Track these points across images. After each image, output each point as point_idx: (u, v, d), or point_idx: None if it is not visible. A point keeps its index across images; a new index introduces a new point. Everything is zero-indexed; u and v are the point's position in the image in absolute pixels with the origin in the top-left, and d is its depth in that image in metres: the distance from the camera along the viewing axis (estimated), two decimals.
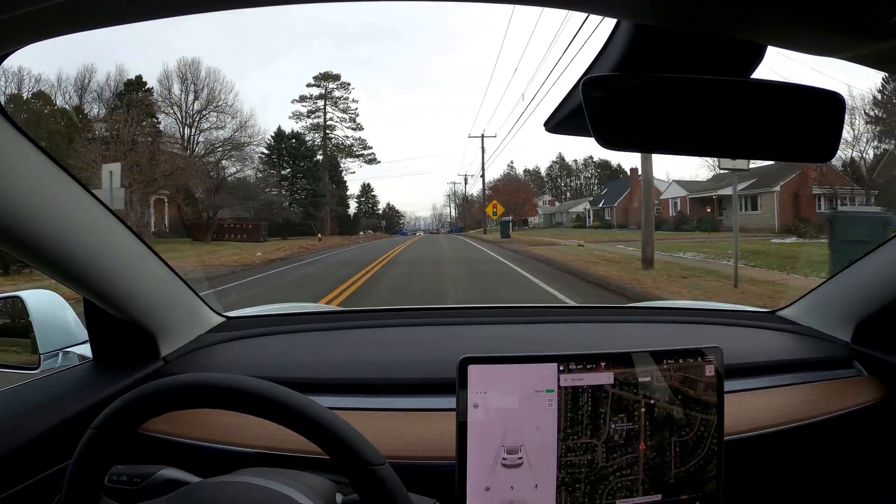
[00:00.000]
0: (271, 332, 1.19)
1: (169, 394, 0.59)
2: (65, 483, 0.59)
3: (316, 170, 45.27)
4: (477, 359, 0.72)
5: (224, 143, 32.10)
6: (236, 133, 32.90)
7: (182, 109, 31.99)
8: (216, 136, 32.77)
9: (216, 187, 29.23)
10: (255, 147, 35.40)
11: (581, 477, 0.74)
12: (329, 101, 50.06)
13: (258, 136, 36.80)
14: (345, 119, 50.56)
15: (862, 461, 1.00)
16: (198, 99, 31.99)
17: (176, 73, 31.60)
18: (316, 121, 49.63)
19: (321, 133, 49.52)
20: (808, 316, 1.22)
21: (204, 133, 32.40)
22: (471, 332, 1.22)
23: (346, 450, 0.57)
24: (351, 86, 52.11)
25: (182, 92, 31.82)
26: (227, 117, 32.68)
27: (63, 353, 1.03)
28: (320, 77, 50.71)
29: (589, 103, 0.51)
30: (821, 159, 0.55)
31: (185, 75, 31.80)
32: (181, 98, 31.78)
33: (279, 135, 43.77)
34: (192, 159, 29.49)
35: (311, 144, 47.36)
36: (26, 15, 0.44)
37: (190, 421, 0.86)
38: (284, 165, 43.50)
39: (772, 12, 0.44)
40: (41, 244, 0.71)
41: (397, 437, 0.83)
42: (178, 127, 31.84)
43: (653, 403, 0.75)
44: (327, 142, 49.50)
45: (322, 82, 50.54)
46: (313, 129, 49.33)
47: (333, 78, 50.69)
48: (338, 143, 50.74)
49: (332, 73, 50.94)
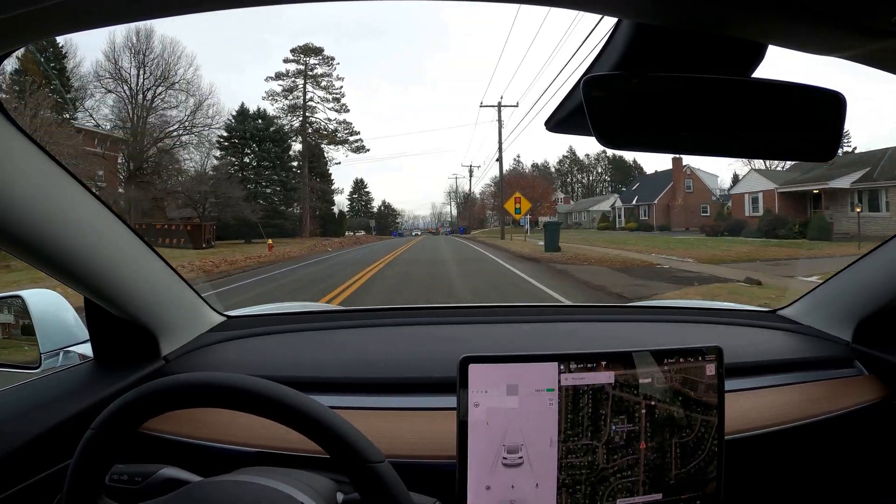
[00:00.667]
0: (272, 331, 1.19)
1: (169, 393, 0.59)
2: (66, 482, 0.59)
3: (288, 158, 37.02)
4: (478, 358, 0.72)
5: (179, 125, 27.84)
6: (193, 114, 28.68)
7: (129, 85, 27.48)
8: (171, 116, 28.40)
9: (128, 176, 25.26)
10: (214, 130, 30.58)
11: (582, 478, 0.74)
12: (309, 79, 40.39)
13: (219, 116, 31.53)
14: (328, 99, 40.95)
15: (862, 460, 1.00)
16: (148, 73, 27.29)
17: (125, 46, 27.03)
18: (294, 102, 40.38)
19: (299, 115, 40.16)
20: (808, 315, 1.22)
21: (155, 113, 27.97)
22: (471, 331, 1.22)
23: (344, 447, 0.57)
24: (335, 61, 41.22)
25: (132, 66, 27.32)
26: (183, 95, 28.15)
27: (64, 353, 1.04)
28: (299, 50, 40.70)
29: (590, 102, 0.51)
30: (821, 158, 0.55)
31: (137, 48, 27.19)
32: (130, 73, 27.17)
33: (242, 113, 34.97)
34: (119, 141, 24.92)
35: (286, 128, 38.60)
36: (26, 15, 0.44)
37: (191, 420, 0.86)
38: (248, 151, 35.15)
39: (773, 11, 0.44)
40: (42, 243, 0.71)
41: (398, 436, 0.83)
42: (125, 106, 27.54)
43: (653, 405, 0.75)
44: (307, 126, 40.07)
45: (301, 56, 40.74)
46: (290, 110, 40.07)
47: (314, 52, 40.79)
48: (319, 129, 41.13)
49: (314, 46, 40.84)
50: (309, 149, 40.12)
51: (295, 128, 39.56)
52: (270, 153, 35.44)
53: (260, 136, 35.07)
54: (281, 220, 33.87)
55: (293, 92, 40.30)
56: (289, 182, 36.78)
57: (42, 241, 0.71)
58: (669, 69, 0.51)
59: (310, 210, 37.96)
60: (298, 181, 37.72)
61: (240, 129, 34.60)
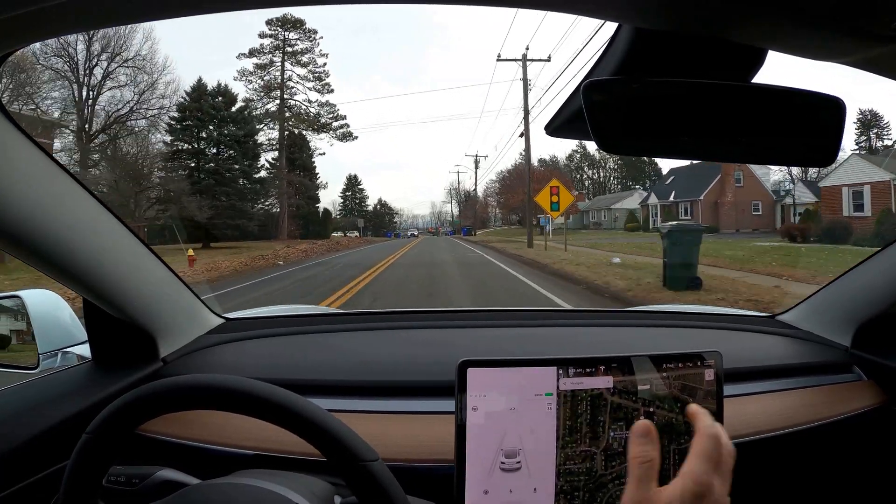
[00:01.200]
0: (271, 333, 1.19)
1: (166, 395, 0.59)
2: (62, 484, 0.59)
3: (254, 144, 30.45)
4: (476, 362, 0.72)
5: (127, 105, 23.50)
6: (143, 93, 24.58)
7: (73, 60, 23.79)
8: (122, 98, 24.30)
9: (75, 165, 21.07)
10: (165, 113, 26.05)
11: (580, 485, 0.73)
12: (289, 56, 34.62)
13: (176, 96, 26.90)
14: (308, 78, 34.93)
15: (861, 466, 1.00)
16: (98, 48, 23.39)
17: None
18: (270, 81, 34.36)
19: (276, 97, 33.99)
20: (807, 320, 1.22)
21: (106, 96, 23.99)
22: (469, 334, 1.22)
23: (338, 447, 0.56)
24: (318, 35, 35.78)
25: (78, 39, 23.18)
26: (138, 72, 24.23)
27: (62, 354, 1.03)
28: (276, 23, 34.87)
29: (589, 107, 0.51)
30: (822, 164, 0.55)
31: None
32: (76, 48, 23.35)
33: (198, 90, 28.62)
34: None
35: (259, 111, 32.73)
36: (26, 15, 0.44)
37: (189, 422, 0.86)
38: (204, 136, 28.68)
39: (773, 16, 0.44)
40: (41, 244, 0.71)
41: (395, 439, 0.83)
42: (70, 87, 23.82)
43: (652, 411, 0.75)
44: (284, 109, 33.91)
45: (278, 30, 35.05)
46: (265, 91, 33.91)
47: (294, 24, 35.02)
48: (300, 113, 34.73)
49: (293, 18, 34.86)
50: (291, 138, 34.27)
51: (271, 111, 33.65)
52: (228, 138, 28.83)
53: (220, 117, 28.77)
54: (243, 221, 27.92)
55: (268, 69, 34.41)
56: (252, 173, 30.09)
57: (41, 242, 0.71)
58: (669, 74, 0.52)
59: (288, 208, 32.59)
60: (275, 174, 32.18)
61: (194, 108, 28.10)
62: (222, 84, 29.84)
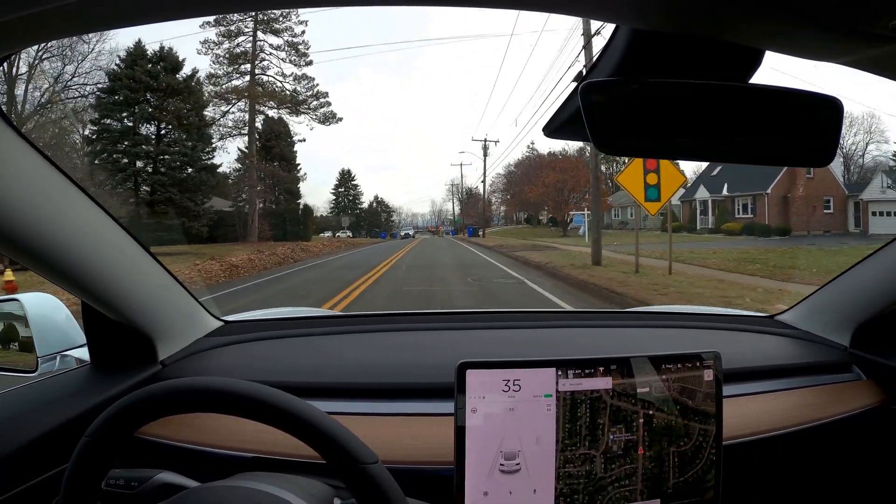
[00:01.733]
0: (269, 336, 1.19)
1: (165, 398, 0.59)
2: (62, 487, 0.59)
3: (201, 121, 23.03)
4: (476, 363, 0.72)
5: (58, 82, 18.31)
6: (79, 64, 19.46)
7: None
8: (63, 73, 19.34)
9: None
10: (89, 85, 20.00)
11: (580, 488, 0.73)
12: (261, 24, 26.32)
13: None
14: (282, 47, 27.10)
15: (861, 466, 1.00)
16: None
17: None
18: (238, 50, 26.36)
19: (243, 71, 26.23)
20: (806, 320, 1.22)
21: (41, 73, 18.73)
22: (469, 336, 1.22)
23: (337, 449, 0.56)
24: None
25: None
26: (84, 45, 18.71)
27: (61, 357, 1.03)
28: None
29: (588, 108, 0.51)
30: (819, 164, 0.56)
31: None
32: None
33: (133, 55, 21.70)
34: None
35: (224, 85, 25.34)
36: (27, 17, 0.44)
37: (188, 425, 0.85)
38: (136, 110, 21.47)
39: (771, 16, 0.44)
40: (39, 247, 0.71)
41: (395, 441, 0.83)
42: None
43: (651, 414, 0.75)
44: (255, 86, 26.42)
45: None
46: (231, 61, 26.18)
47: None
48: (273, 91, 27.27)
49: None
50: (268, 123, 27.66)
51: (240, 88, 26.06)
52: (168, 114, 21.60)
53: (155, 87, 21.49)
54: (185, 220, 20.78)
55: (236, 38, 26.27)
56: (200, 158, 22.39)
57: (40, 245, 0.71)
58: (667, 75, 0.52)
59: (262, 204, 26.59)
60: (245, 164, 25.56)
61: (127, 76, 21.19)
62: (166, 48, 22.44)
